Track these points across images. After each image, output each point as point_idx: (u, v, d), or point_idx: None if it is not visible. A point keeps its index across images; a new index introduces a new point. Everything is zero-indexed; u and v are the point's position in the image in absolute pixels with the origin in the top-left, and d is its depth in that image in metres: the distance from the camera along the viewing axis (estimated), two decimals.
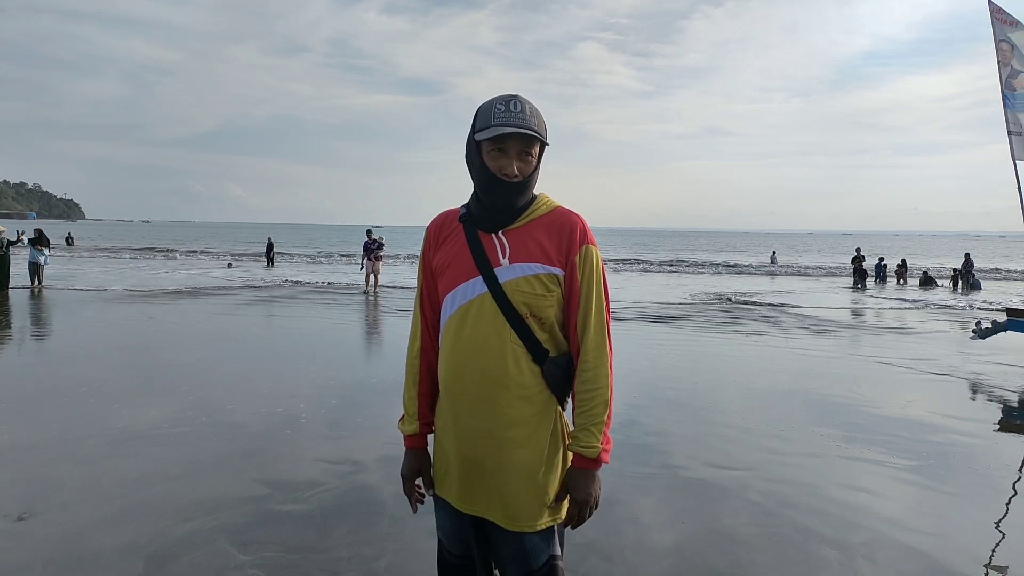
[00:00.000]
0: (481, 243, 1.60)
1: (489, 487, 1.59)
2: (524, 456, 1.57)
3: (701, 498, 3.68)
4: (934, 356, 8.37)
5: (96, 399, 5.43)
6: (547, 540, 1.61)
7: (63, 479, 3.73)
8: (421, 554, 2.91)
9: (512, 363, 1.54)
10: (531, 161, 1.57)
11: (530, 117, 1.54)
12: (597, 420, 1.56)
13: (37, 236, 15.18)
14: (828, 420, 5.27)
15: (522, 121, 1.52)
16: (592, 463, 1.57)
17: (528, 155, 1.56)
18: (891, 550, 3.09)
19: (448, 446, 1.65)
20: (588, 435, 1.56)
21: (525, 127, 1.51)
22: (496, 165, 1.55)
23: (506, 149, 1.54)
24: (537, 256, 1.57)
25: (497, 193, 1.57)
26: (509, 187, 1.56)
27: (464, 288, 1.59)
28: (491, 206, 1.60)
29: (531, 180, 1.59)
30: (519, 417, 1.56)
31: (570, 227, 1.59)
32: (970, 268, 21.16)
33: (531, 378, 1.56)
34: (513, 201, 1.58)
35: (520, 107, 1.53)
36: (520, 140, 1.53)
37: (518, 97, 1.56)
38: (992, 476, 4.14)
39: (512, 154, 1.54)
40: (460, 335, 1.58)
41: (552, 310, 1.57)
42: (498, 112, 1.53)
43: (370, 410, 5.32)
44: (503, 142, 1.53)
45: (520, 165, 1.55)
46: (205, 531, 3.11)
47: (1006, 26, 7.30)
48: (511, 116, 1.52)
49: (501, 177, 1.55)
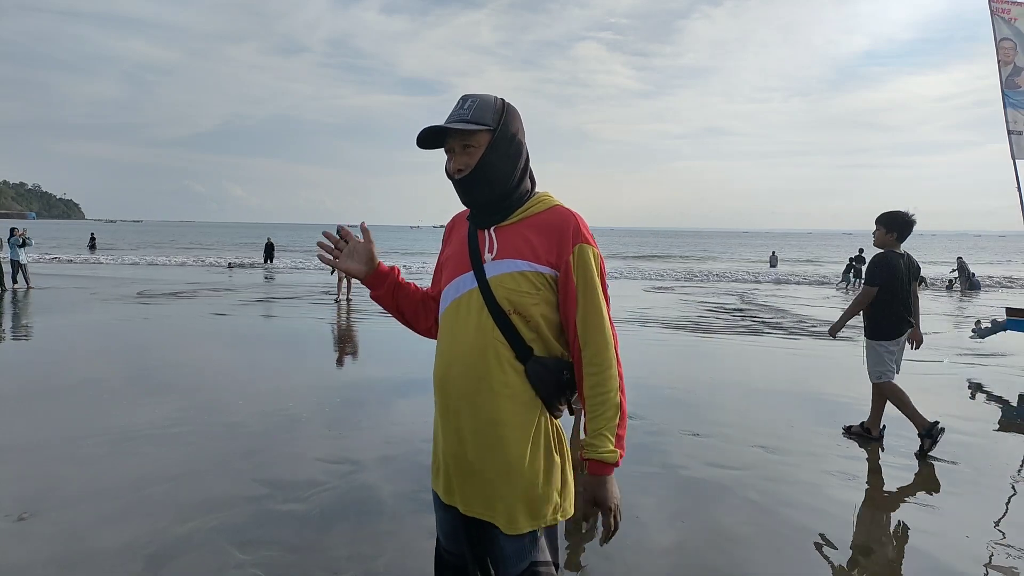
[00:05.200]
0: (476, 239, 1.62)
1: (474, 485, 1.58)
2: (506, 456, 1.53)
3: (700, 497, 3.68)
4: (933, 356, 8.37)
5: (96, 399, 5.43)
6: (528, 545, 1.55)
7: (63, 479, 3.73)
8: (420, 553, 2.91)
9: (494, 360, 1.53)
10: (475, 152, 1.55)
11: (467, 111, 1.55)
12: (610, 424, 1.52)
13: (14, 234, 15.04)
14: (827, 420, 5.28)
15: (454, 117, 1.55)
16: (609, 468, 1.53)
17: (470, 147, 1.55)
18: (891, 549, 3.10)
19: (439, 443, 1.66)
20: (603, 440, 1.52)
21: (449, 122, 1.54)
22: (448, 167, 1.59)
23: (452, 148, 1.57)
24: (524, 253, 1.55)
25: (458, 191, 1.60)
26: (459, 183, 1.58)
27: (458, 282, 1.61)
28: (466, 204, 1.64)
29: (485, 170, 1.55)
30: (501, 415, 1.53)
31: (563, 226, 1.56)
32: (965, 268, 21.12)
33: (514, 376, 1.54)
34: (476, 195, 1.58)
35: (460, 104, 1.57)
36: (457, 135, 1.55)
37: (466, 95, 1.58)
38: (992, 476, 4.14)
39: (456, 151, 1.56)
40: (450, 329, 1.61)
41: (538, 309, 1.54)
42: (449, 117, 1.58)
43: (370, 410, 5.32)
44: (447, 142, 1.58)
45: (463, 159, 1.55)
46: (205, 530, 3.11)
47: (1006, 19, 7.28)
48: (451, 116, 1.56)
49: (452, 176, 1.59)
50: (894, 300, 4.60)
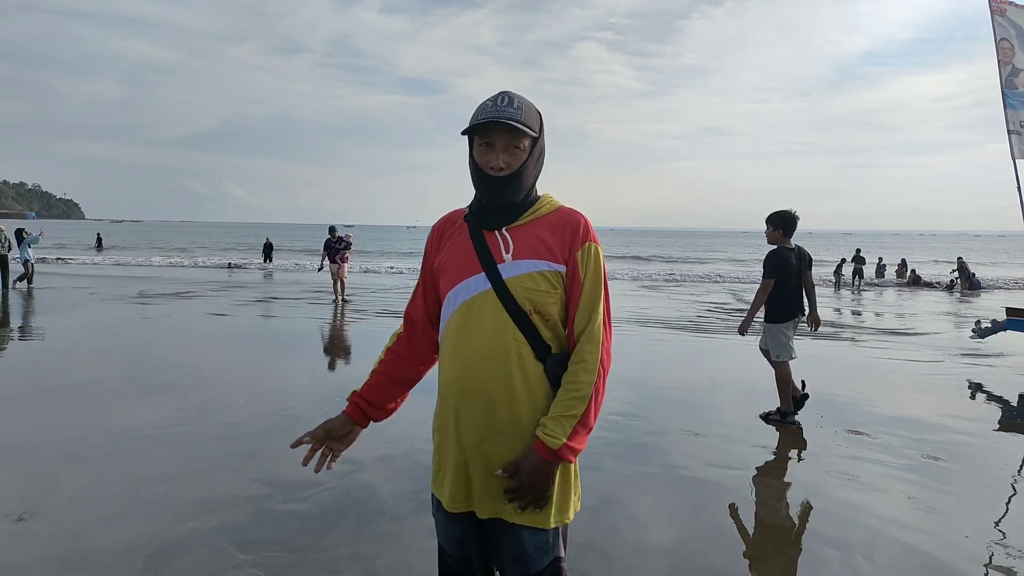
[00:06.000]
0: (484, 240, 1.59)
1: (494, 485, 1.56)
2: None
3: (700, 497, 3.68)
4: (933, 356, 8.37)
5: (96, 399, 5.43)
6: (552, 541, 1.59)
7: (63, 479, 3.73)
8: (420, 553, 2.90)
9: (516, 360, 1.53)
10: (520, 154, 1.55)
11: (517, 110, 1.53)
12: (570, 412, 1.51)
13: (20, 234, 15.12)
14: (828, 419, 5.28)
15: (507, 113, 1.51)
16: (550, 454, 1.49)
17: (517, 148, 1.54)
18: (891, 549, 3.10)
19: (449, 447, 1.62)
20: (556, 424, 1.50)
21: (507, 118, 1.50)
22: (484, 160, 1.55)
23: (493, 143, 1.53)
24: (542, 253, 1.56)
25: (487, 188, 1.56)
26: (496, 181, 1.55)
27: (466, 285, 1.58)
28: (487, 202, 1.59)
29: (523, 174, 1.56)
30: (525, 414, 1.54)
31: (573, 225, 1.59)
32: (966, 268, 21.12)
33: (535, 375, 1.55)
34: (505, 196, 1.56)
35: (507, 100, 1.53)
36: (507, 133, 1.53)
37: (508, 92, 1.56)
38: (992, 476, 4.14)
39: (499, 147, 1.53)
40: (462, 333, 1.57)
41: (556, 307, 1.57)
42: (486, 107, 1.53)
43: None
44: (489, 135, 1.53)
45: (507, 158, 1.54)
46: (205, 530, 3.11)
47: (1005, 17, 7.28)
48: (497, 110, 1.52)
49: (487, 171, 1.54)
50: (785, 289, 5.22)
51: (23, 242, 14.99)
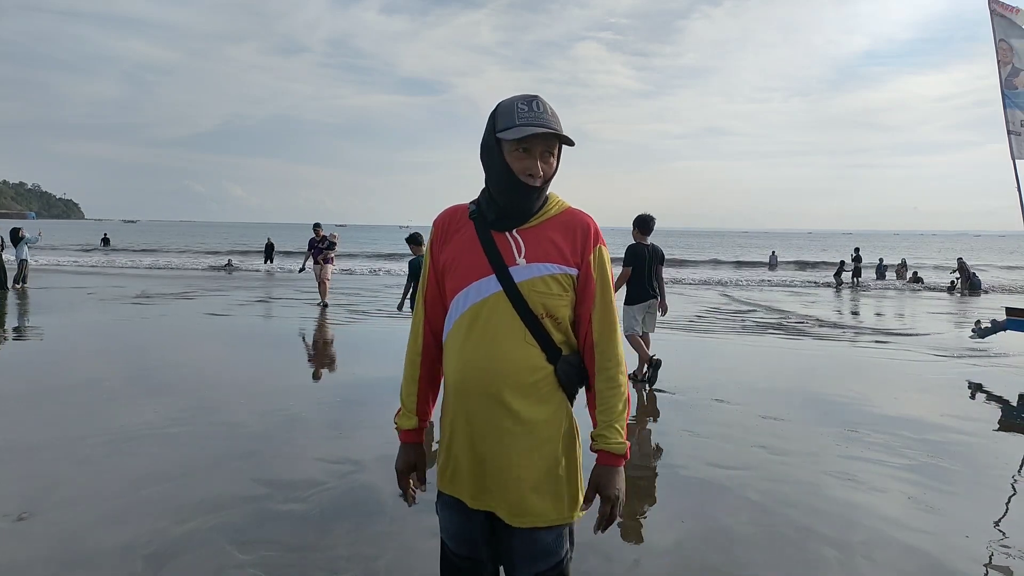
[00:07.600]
0: (494, 242, 1.58)
1: (506, 485, 1.57)
2: (542, 454, 1.57)
3: (700, 497, 3.68)
4: (933, 356, 8.37)
5: (96, 399, 5.42)
6: (565, 536, 1.63)
7: (63, 479, 3.73)
8: (421, 553, 2.90)
9: (525, 363, 1.54)
10: (552, 162, 1.56)
11: (552, 118, 1.53)
12: (620, 417, 1.58)
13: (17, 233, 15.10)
14: (828, 419, 5.27)
15: (547, 121, 1.51)
16: (619, 459, 1.58)
17: (551, 156, 1.55)
18: (890, 549, 3.09)
19: (459, 446, 1.62)
20: (613, 432, 1.57)
21: (551, 127, 1.51)
22: (521, 166, 1.52)
23: (531, 150, 1.52)
24: (553, 256, 1.56)
25: (518, 195, 1.55)
26: (531, 190, 1.54)
27: (476, 287, 1.56)
28: (508, 207, 1.57)
29: (550, 182, 1.59)
30: (534, 416, 1.55)
31: (584, 228, 1.60)
32: (966, 268, 21.11)
33: (544, 378, 1.56)
34: (532, 203, 1.57)
35: (542, 107, 1.53)
36: (544, 141, 1.53)
37: (539, 97, 1.55)
38: (992, 476, 4.14)
39: (536, 155, 1.53)
40: (472, 334, 1.56)
41: (566, 310, 1.58)
42: (521, 112, 1.51)
43: (369, 409, 5.32)
44: (528, 142, 1.52)
45: (543, 167, 1.54)
46: (204, 530, 3.11)
47: (1006, 20, 7.28)
48: (535, 116, 1.51)
49: (525, 179, 1.53)
50: (639, 278, 6.53)
51: (20, 241, 14.97)
